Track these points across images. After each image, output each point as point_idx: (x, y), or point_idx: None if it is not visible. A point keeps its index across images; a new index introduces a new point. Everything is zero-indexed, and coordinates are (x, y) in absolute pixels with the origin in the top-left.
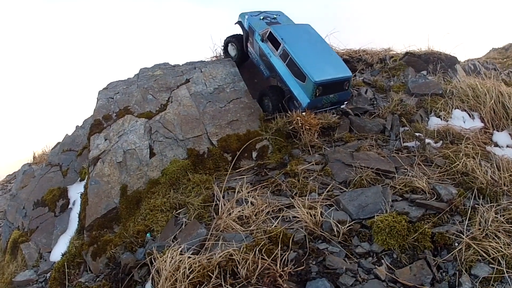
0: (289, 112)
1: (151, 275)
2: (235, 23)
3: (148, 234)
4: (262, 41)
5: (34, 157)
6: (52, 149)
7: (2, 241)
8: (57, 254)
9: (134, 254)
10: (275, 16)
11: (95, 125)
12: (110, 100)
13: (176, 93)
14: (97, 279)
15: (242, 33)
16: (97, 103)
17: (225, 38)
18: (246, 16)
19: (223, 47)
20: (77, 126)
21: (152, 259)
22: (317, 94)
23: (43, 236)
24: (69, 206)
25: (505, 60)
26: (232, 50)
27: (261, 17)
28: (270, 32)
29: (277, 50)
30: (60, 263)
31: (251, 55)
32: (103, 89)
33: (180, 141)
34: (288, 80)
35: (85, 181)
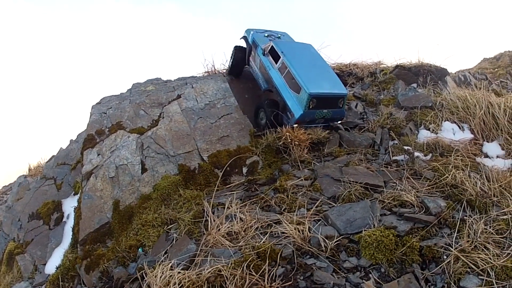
0: (282, 125)
1: None
2: (241, 38)
3: (140, 249)
4: (264, 55)
5: (29, 169)
6: (46, 162)
7: None
8: (51, 266)
9: (126, 268)
10: (279, 35)
11: (88, 140)
12: (103, 115)
13: (167, 108)
14: None
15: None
16: (90, 117)
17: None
18: (252, 32)
19: (232, 54)
20: (71, 140)
21: (144, 274)
22: (311, 107)
23: (38, 249)
24: (63, 220)
25: (496, 69)
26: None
27: (266, 35)
28: (272, 46)
29: (276, 63)
30: (54, 276)
31: (251, 69)
32: (96, 103)
33: (172, 157)
34: (283, 91)
35: (78, 195)
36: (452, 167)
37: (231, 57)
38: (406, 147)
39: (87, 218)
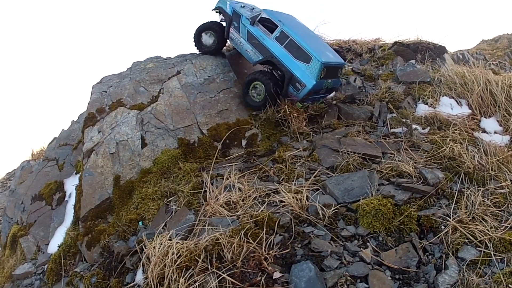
0: (282, 99)
1: (141, 262)
2: (213, 9)
3: (140, 223)
4: (252, 25)
5: (32, 154)
6: (48, 144)
7: (2, 236)
8: (54, 246)
9: (126, 242)
10: (253, 7)
11: (89, 118)
12: (103, 93)
13: (167, 84)
14: (92, 268)
15: (220, 20)
16: (91, 97)
17: (198, 27)
18: (228, 2)
19: (195, 36)
20: (72, 121)
21: (143, 246)
22: (322, 76)
23: (41, 229)
24: (65, 199)
25: (494, 51)
26: (208, 38)
27: (242, 6)
28: (263, 15)
29: (271, 32)
30: (56, 254)
31: (233, 41)
32: (97, 83)
33: (171, 131)
34: (287, 61)
35: (80, 173)
36: (450, 140)
37: (213, 35)
38: (404, 120)
39: (88, 195)
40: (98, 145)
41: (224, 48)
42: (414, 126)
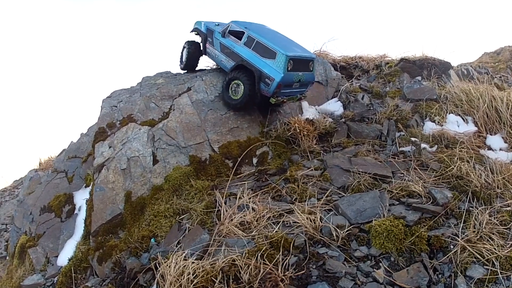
0: (260, 97)
1: (156, 280)
2: (191, 31)
3: (152, 239)
4: (224, 37)
5: (40, 163)
6: (57, 156)
7: (10, 245)
8: (63, 258)
9: (139, 259)
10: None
11: (99, 133)
12: (113, 108)
13: (178, 101)
14: (103, 283)
15: (198, 40)
16: (101, 111)
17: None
18: (203, 22)
19: (181, 53)
20: (82, 134)
21: (157, 264)
22: (289, 69)
23: (50, 241)
24: (75, 212)
25: (497, 64)
26: (184, 55)
27: (216, 24)
28: (232, 26)
29: (240, 39)
30: (67, 268)
31: (209, 55)
32: (107, 97)
33: (183, 148)
34: (256, 61)
35: (90, 187)
36: (457, 158)
37: (186, 52)
38: (413, 139)
39: (99, 210)
40: (109, 160)
41: None
42: (422, 145)
